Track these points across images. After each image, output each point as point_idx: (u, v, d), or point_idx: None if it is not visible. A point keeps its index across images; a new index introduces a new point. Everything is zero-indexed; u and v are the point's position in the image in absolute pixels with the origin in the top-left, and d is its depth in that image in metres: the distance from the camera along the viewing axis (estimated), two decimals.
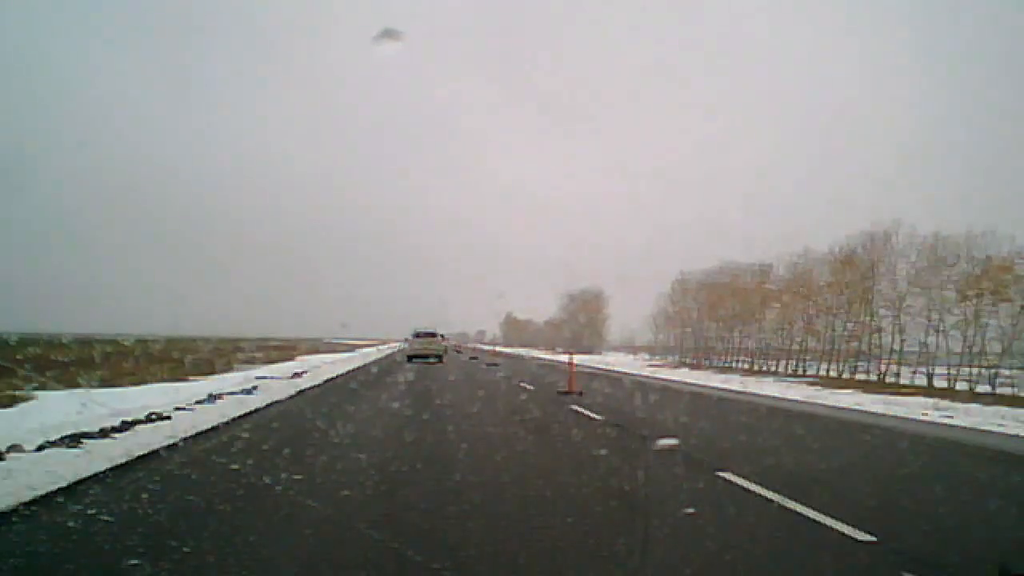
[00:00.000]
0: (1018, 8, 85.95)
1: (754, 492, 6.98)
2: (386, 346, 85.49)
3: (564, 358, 59.42)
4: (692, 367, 48.15)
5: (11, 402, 13.24)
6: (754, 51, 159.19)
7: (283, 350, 58.88)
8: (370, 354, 52.85)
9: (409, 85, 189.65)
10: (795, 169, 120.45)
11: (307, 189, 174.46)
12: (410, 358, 36.72)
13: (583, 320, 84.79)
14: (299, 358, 47.10)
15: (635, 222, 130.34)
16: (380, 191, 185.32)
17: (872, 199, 79.40)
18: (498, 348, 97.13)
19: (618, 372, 35.97)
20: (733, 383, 29.72)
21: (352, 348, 76.84)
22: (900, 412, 17.74)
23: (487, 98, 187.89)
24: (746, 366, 45.24)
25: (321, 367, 28.94)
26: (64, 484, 6.55)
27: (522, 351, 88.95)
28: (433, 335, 38.22)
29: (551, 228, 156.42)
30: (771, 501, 6.62)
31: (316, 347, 73.31)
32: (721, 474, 7.78)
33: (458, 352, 57.37)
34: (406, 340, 41.01)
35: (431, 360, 35.60)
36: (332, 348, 76.50)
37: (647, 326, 65.06)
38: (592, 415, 13.99)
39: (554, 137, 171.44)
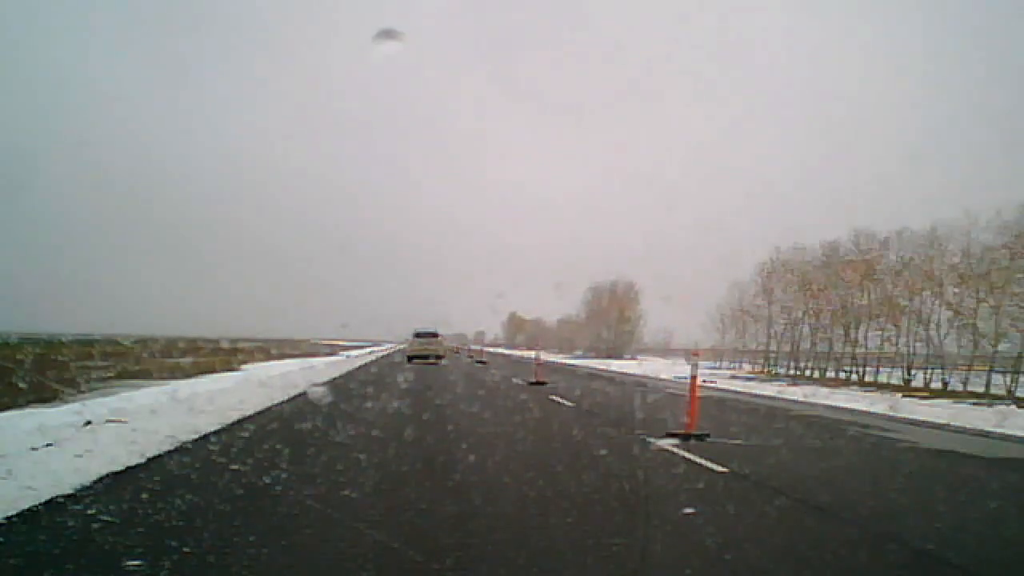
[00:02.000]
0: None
1: None
2: (379, 347, 72.92)
3: (641, 369, 42.86)
4: (812, 381, 34.06)
5: None
6: (757, 47, 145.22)
7: (234, 354, 45.08)
8: (343, 362, 38.29)
9: (409, 85, 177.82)
10: (799, 165, 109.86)
11: (306, 189, 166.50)
12: (410, 359, 36.57)
13: (613, 317, 70.39)
14: (247, 366, 32.82)
15: (638, 220, 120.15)
16: (379, 191, 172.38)
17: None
18: (502, 351, 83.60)
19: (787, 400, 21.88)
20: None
21: (335, 351, 62.45)
22: None
23: (487, 97, 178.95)
24: (889, 379, 31.27)
25: (224, 391, 14.36)
26: None
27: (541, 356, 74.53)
28: (435, 335, 38.18)
29: (553, 227, 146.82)
30: None
31: (290, 350, 59.23)
32: None
33: (482, 363, 38.87)
34: (406, 340, 41.24)
35: (430, 360, 36.02)
36: (314, 351, 62.25)
37: (694, 325, 50.91)
38: None
39: (555, 135, 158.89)
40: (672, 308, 79.96)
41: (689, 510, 5.67)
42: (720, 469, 7.54)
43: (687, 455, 8.39)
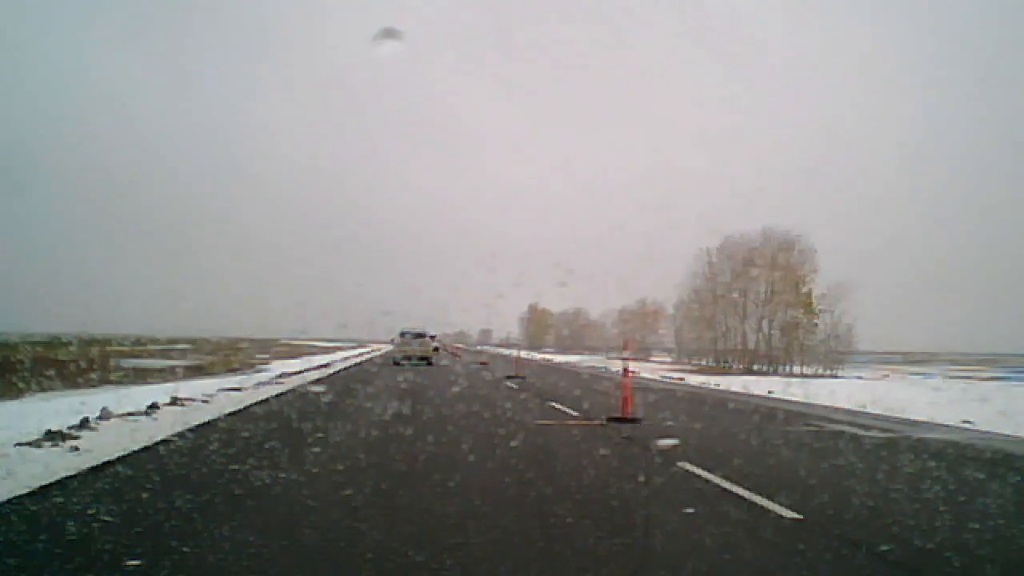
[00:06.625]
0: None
1: None
2: (356, 351, 58.80)
3: None
4: None
5: None
6: (757, 46, 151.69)
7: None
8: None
9: (409, 84, 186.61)
10: (794, 164, 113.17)
11: (305, 188, 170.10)
12: (396, 361, 36.42)
13: (760, 299, 43.02)
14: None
15: (637, 216, 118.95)
16: (378, 190, 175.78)
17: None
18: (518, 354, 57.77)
19: None
20: None
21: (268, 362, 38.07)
22: None
23: (487, 95, 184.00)
24: None
25: None
26: None
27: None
28: (422, 335, 37.83)
29: (552, 224, 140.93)
30: None
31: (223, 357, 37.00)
32: None
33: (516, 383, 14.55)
34: (391, 340, 41.09)
35: (430, 361, 35.96)
36: (257, 362, 41.14)
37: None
38: None
39: (555, 131, 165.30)
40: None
41: None
42: None
43: None
